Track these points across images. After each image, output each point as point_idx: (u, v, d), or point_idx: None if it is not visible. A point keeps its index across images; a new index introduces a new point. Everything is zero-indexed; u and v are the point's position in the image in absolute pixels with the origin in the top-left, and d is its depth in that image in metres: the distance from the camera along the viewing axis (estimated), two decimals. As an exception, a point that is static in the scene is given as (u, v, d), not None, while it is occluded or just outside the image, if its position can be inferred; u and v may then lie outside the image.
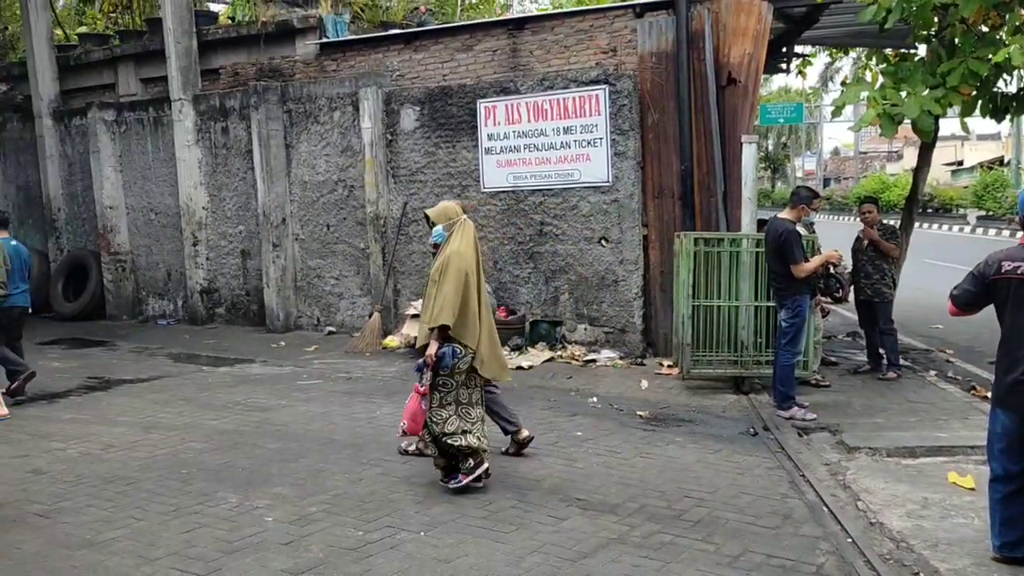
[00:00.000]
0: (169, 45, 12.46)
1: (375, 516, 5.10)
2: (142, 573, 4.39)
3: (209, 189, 12.70)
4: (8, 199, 15.59)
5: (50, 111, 14.40)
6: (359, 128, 11.07)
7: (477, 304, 5.48)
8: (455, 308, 5.32)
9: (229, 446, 6.65)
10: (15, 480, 5.96)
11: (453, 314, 5.30)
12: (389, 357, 10.09)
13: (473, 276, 5.46)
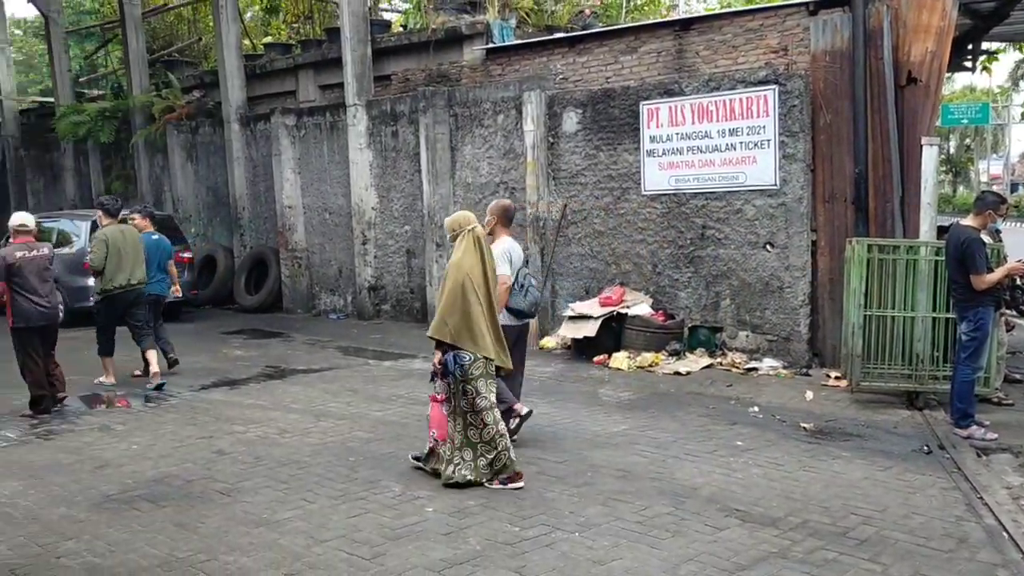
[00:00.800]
0: (345, 53, 13.08)
1: (530, 513, 5.17)
2: (313, 553, 4.64)
3: (379, 190, 13.23)
4: (199, 198, 16.82)
5: (237, 116, 15.41)
6: (521, 131, 11.23)
7: (485, 311, 5.68)
8: (448, 322, 5.62)
9: (393, 437, 6.91)
10: (201, 460, 6.43)
11: (447, 328, 5.61)
12: (546, 357, 10.18)
13: (476, 283, 5.66)
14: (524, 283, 6.70)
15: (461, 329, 5.64)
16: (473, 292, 5.65)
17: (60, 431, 7.38)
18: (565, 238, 11.01)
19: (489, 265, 5.83)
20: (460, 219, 5.97)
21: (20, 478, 6.06)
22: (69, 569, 4.52)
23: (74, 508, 5.43)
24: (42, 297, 7.95)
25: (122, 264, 9.12)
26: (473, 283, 5.66)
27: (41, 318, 7.98)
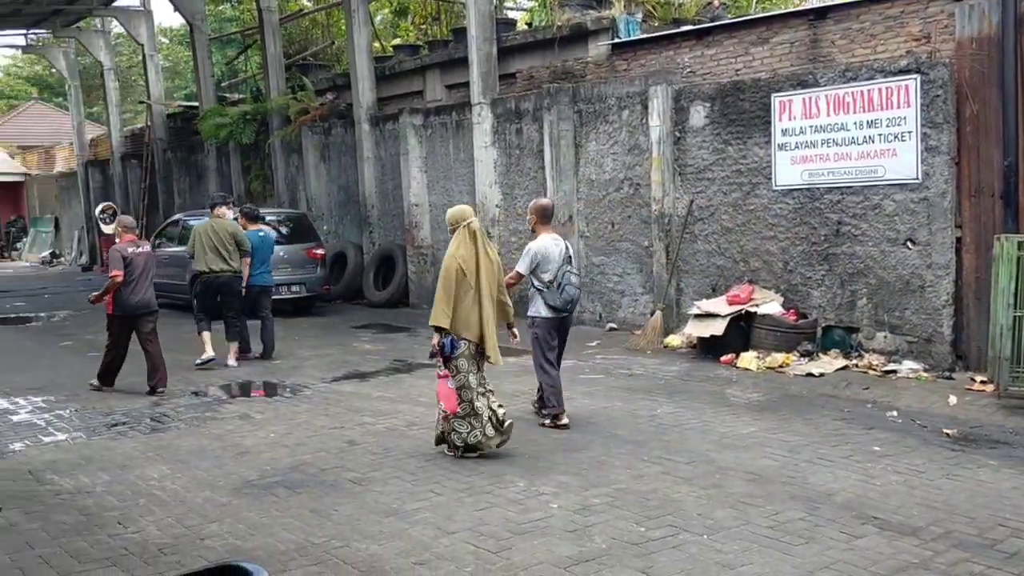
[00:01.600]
0: (472, 52, 13.25)
1: (657, 514, 5.10)
2: (440, 544, 4.72)
3: (502, 188, 13.35)
4: (331, 197, 17.40)
5: (367, 117, 15.85)
6: (647, 126, 11.10)
7: (477, 299, 6.16)
8: (445, 310, 6.11)
9: (516, 433, 6.93)
10: (333, 449, 6.65)
11: (444, 315, 6.10)
12: (670, 356, 10.04)
13: (471, 274, 6.17)
14: (562, 281, 6.98)
15: (455, 317, 6.15)
16: (465, 281, 6.15)
17: (204, 419, 7.77)
18: (691, 235, 10.81)
19: (484, 255, 6.26)
20: (459, 213, 6.46)
21: (168, 462, 6.42)
22: (212, 550, 4.76)
23: (217, 492, 5.71)
24: (142, 290, 8.85)
25: (209, 253, 10.26)
26: (466, 272, 6.15)
27: (143, 307, 8.89)
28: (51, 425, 7.72)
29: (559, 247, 7.08)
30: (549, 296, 7.00)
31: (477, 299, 6.18)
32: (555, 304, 7.01)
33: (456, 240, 6.32)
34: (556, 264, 6.99)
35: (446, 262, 6.24)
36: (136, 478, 6.05)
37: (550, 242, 7.10)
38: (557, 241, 7.15)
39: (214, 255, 10.28)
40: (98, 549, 4.79)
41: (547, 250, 7.05)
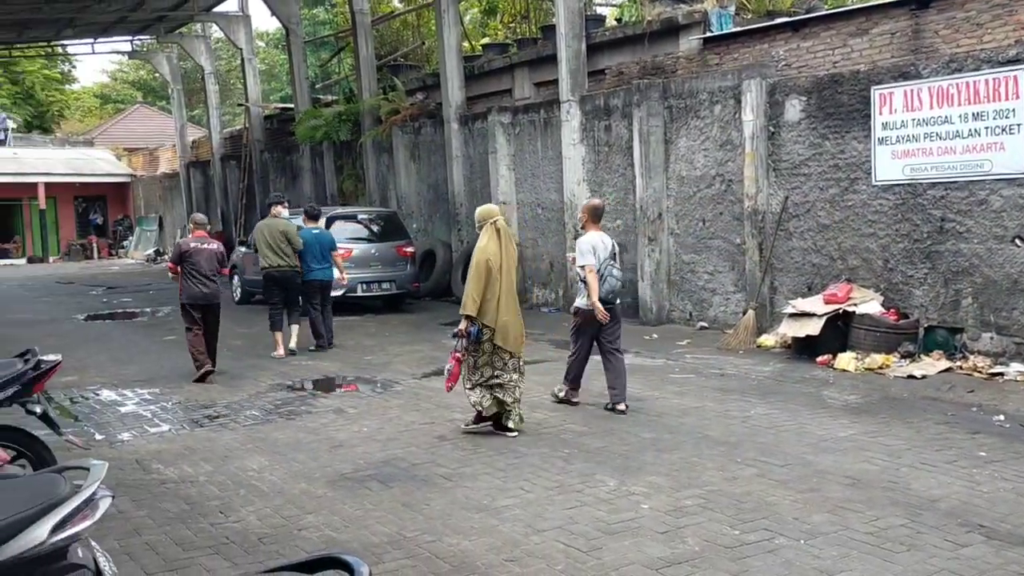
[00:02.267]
0: (560, 50, 13.22)
1: (751, 517, 5.00)
2: (531, 542, 4.73)
3: (591, 185, 13.28)
4: (420, 195, 17.63)
5: (456, 116, 16.00)
6: (740, 121, 10.88)
7: (498, 291, 6.74)
8: (476, 299, 6.72)
9: (605, 431, 6.92)
10: (424, 444, 6.73)
11: (474, 305, 6.71)
12: (763, 356, 9.82)
13: (497, 268, 6.76)
14: (604, 272, 7.52)
15: (484, 306, 6.75)
16: (494, 275, 6.75)
17: (300, 412, 7.98)
18: (786, 232, 10.56)
19: (506, 251, 6.88)
20: (486, 212, 7.12)
21: (266, 454, 6.61)
22: (309, 541, 4.87)
23: (313, 484, 5.85)
24: (207, 282, 9.52)
25: (266, 249, 10.98)
26: (492, 265, 6.76)
27: (202, 298, 9.54)
28: (156, 416, 8.05)
29: (605, 243, 7.63)
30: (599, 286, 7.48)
31: (498, 291, 6.78)
32: (602, 292, 7.49)
33: (484, 236, 6.93)
34: (603, 257, 7.54)
35: (476, 256, 6.83)
36: (236, 469, 6.25)
37: (597, 238, 7.64)
38: (604, 238, 7.70)
39: (270, 251, 10.96)
40: (201, 537, 4.97)
41: (596, 244, 7.57)
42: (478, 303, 6.71)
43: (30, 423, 5.44)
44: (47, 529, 2.44)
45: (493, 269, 6.74)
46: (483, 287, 6.71)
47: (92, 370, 10.22)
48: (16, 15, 21.85)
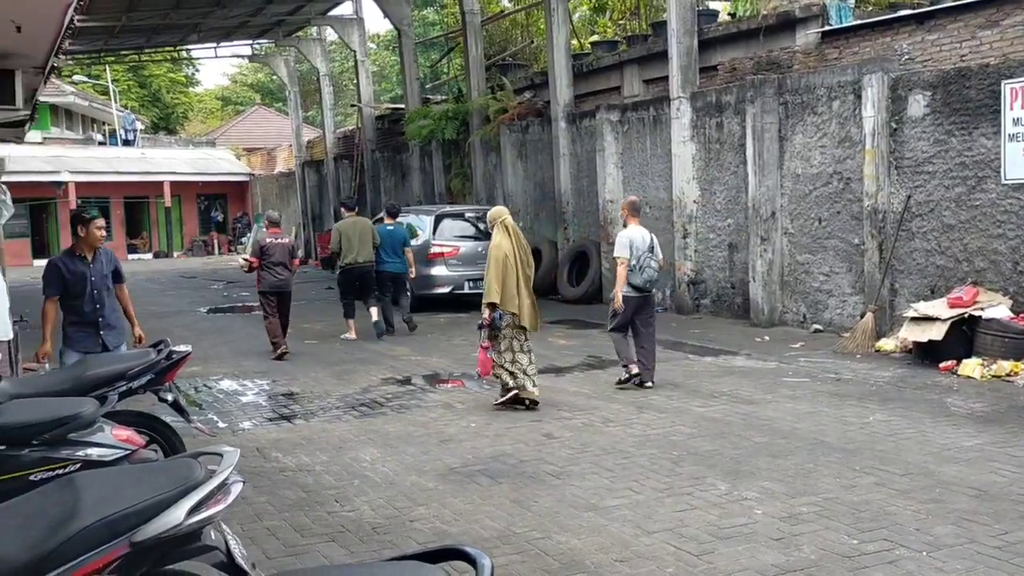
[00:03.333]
0: (671, 46, 13.05)
1: (870, 526, 4.83)
2: (640, 543, 4.69)
3: (700, 183, 13.07)
4: (527, 194, 17.72)
5: (564, 114, 16.00)
6: (860, 117, 10.51)
7: (516, 280, 7.70)
8: (497, 288, 7.61)
9: (716, 434, 6.80)
10: (532, 441, 6.77)
11: (496, 293, 7.60)
12: (882, 361, 9.47)
13: (512, 260, 7.70)
14: (643, 264, 8.35)
15: (505, 294, 7.65)
16: (510, 266, 7.68)
17: (410, 406, 8.14)
18: (908, 232, 10.14)
19: (517, 245, 7.80)
20: (496, 213, 8.11)
21: (378, 446, 6.77)
22: (421, 532, 4.97)
23: (424, 477, 5.96)
24: (280, 272, 10.88)
25: (351, 247, 11.94)
26: (508, 260, 7.69)
27: (277, 286, 10.93)
28: (274, 406, 8.35)
29: (644, 237, 8.49)
30: (632, 276, 8.36)
31: (516, 280, 7.72)
32: (636, 283, 8.39)
33: (497, 234, 7.88)
34: (641, 250, 8.36)
35: (493, 252, 7.77)
36: (350, 459, 6.42)
37: (637, 232, 8.50)
38: (643, 232, 8.56)
39: (360, 248, 11.99)
40: (318, 525, 5.13)
41: (635, 238, 8.43)
42: (500, 292, 7.62)
43: (160, 410, 5.74)
44: (184, 511, 2.57)
45: (509, 262, 7.70)
46: (503, 278, 7.65)
47: (214, 361, 10.68)
48: (146, 21, 23.00)
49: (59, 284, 6.37)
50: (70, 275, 6.40)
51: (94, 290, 6.47)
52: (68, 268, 6.41)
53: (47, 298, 6.43)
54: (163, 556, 2.64)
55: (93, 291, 6.46)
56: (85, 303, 6.44)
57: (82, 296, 6.43)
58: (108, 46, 26.87)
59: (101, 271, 6.50)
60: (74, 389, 4.59)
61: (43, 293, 6.47)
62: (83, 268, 6.45)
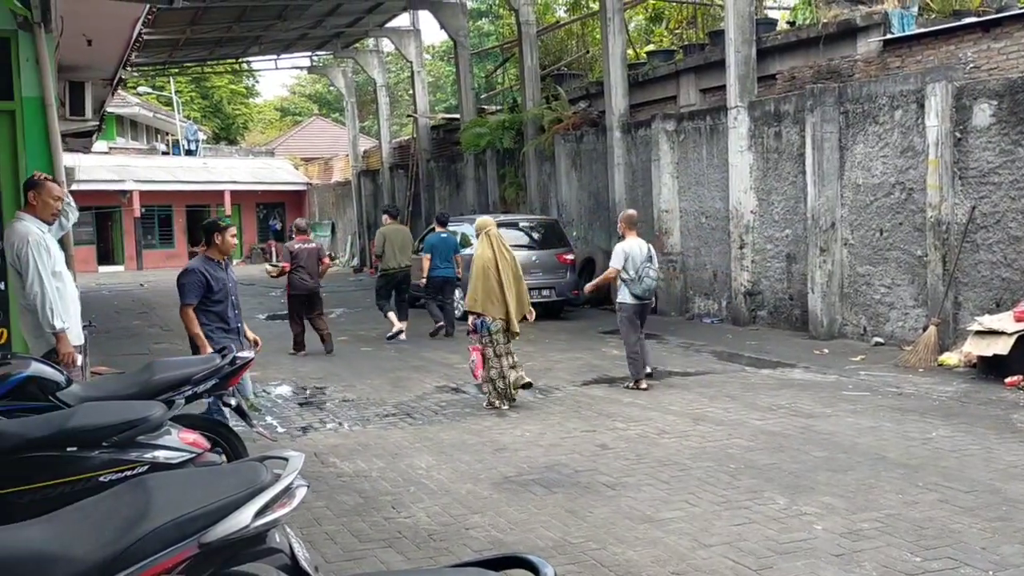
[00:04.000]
0: (729, 55, 12.95)
1: (934, 544, 4.72)
2: (698, 556, 4.65)
3: (758, 193, 12.93)
4: (581, 203, 17.70)
5: (619, 124, 15.96)
6: (923, 127, 10.30)
7: (499, 286, 8.18)
8: (476, 297, 8.19)
9: (775, 448, 6.71)
10: (586, 452, 6.75)
11: (475, 302, 8.21)
12: (945, 375, 9.25)
13: (492, 268, 8.19)
14: (641, 274, 8.87)
15: (485, 301, 8.20)
16: (491, 274, 8.19)
17: (464, 414, 8.18)
18: (972, 244, 9.90)
19: (501, 255, 8.29)
20: (481, 224, 8.71)
21: (433, 453, 6.82)
22: (476, 540, 4.99)
23: (479, 485, 5.99)
24: (309, 277, 11.75)
25: (393, 252, 12.94)
26: (489, 268, 8.20)
27: (305, 289, 11.77)
28: (331, 413, 8.46)
29: (641, 248, 8.98)
30: (633, 286, 8.91)
31: (500, 287, 8.19)
32: (636, 292, 8.93)
33: (481, 244, 8.42)
34: (639, 261, 8.85)
35: (475, 261, 8.34)
36: (406, 466, 6.48)
37: (634, 244, 8.99)
38: (640, 243, 9.05)
39: (401, 254, 13.04)
40: (375, 530, 5.19)
41: (632, 250, 8.91)
42: (479, 300, 8.20)
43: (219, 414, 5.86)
44: (251, 514, 2.62)
45: (489, 270, 8.20)
46: (481, 286, 8.20)
47: (273, 367, 10.86)
48: (209, 34, 23.55)
49: (200, 291, 6.41)
50: (215, 282, 6.46)
51: (232, 296, 6.60)
52: (212, 275, 6.48)
53: (188, 306, 6.41)
54: (230, 558, 2.69)
55: (232, 297, 6.59)
56: (228, 308, 6.54)
57: (225, 302, 6.51)
58: (172, 58, 27.55)
59: (234, 277, 6.77)
60: (141, 393, 4.71)
61: (183, 300, 6.44)
62: (223, 274, 6.57)
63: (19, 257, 5.32)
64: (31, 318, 5.43)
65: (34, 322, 5.42)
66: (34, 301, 5.28)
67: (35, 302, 5.27)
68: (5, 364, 4.64)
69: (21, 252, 5.30)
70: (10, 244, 5.38)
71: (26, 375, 4.54)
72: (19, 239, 5.32)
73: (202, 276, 6.47)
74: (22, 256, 5.30)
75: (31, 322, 5.46)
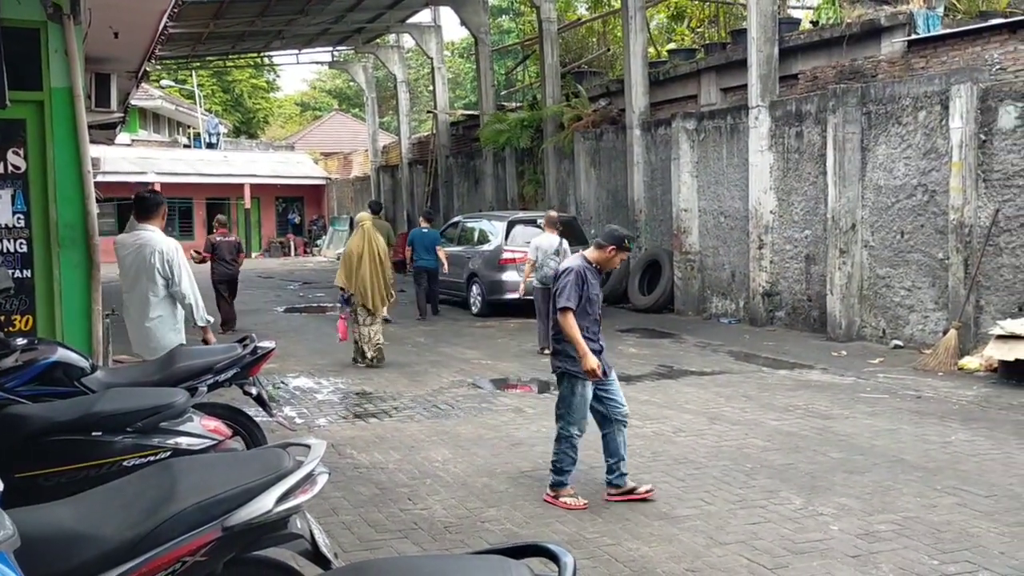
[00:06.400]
0: (751, 54, 12.90)
1: (951, 548, 4.71)
2: (712, 554, 4.66)
3: (778, 193, 12.88)
4: (600, 201, 17.70)
5: (639, 122, 15.93)
6: (946, 128, 10.23)
7: (367, 271, 10.25)
8: (342, 276, 10.44)
9: (791, 448, 6.69)
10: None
11: (343, 280, 10.41)
12: (965, 379, 9.19)
13: (356, 256, 10.31)
14: (543, 262, 10.95)
15: (346, 280, 10.36)
16: (356, 260, 10.28)
17: (480, 409, 8.21)
18: (995, 247, 9.83)
19: (368, 245, 10.32)
20: (359, 218, 10.95)
21: (449, 447, 6.85)
22: (492, 533, 5.02)
23: (495, 479, 6.01)
24: (228, 265, 13.59)
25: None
26: (353, 255, 10.33)
27: (226, 276, 13.60)
28: (348, 404, 8.52)
29: (551, 242, 11.07)
30: (537, 273, 11.04)
31: (361, 271, 10.24)
32: (539, 277, 10.99)
33: (355, 235, 10.60)
34: (545, 253, 11.00)
35: (347, 247, 10.59)
36: (422, 459, 6.51)
37: (545, 239, 11.18)
38: (551, 239, 11.13)
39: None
40: (392, 521, 5.22)
41: (542, 243, 11.13)
42: (343, 279, 10.37)
43: (238, 403, 5.91)
44: (273, 499, 2.66)
45: (354, 257, 10.29)
46: (347, 270, 10.32)
47: (291, 359, 10.92)
48: (232, 28, 23.67)
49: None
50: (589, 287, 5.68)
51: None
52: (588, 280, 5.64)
53: (569, 310, 5.50)
54: (252, 542, 2.73)
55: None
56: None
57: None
58: (195, 52, 27.72)
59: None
60: (164, 380, 4.77)
61: (565, 304, 5.51)
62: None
63: (170, 264, 5.94)
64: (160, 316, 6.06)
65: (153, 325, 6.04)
66: (184, 300, 6.00)
67: (187, 302, 6.00)
68: (32, 349, 4.71)
69: (172, 260, 5.94)
70: (158, 252, 5.95)
71: (53, 360, 4.60)
72: (167, 248, 5.98)
73: (583, 280, 5.62)
74: (174, 263, 5.94)
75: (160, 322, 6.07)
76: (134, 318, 6.11)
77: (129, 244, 6.12)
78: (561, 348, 5.62)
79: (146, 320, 6.03)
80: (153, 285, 5.97)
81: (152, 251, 5.96)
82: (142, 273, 6.01)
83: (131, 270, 6.08)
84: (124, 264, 6.14)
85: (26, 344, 4.83)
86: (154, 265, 5.94)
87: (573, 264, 5.70)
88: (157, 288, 5.98)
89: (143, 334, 6.06)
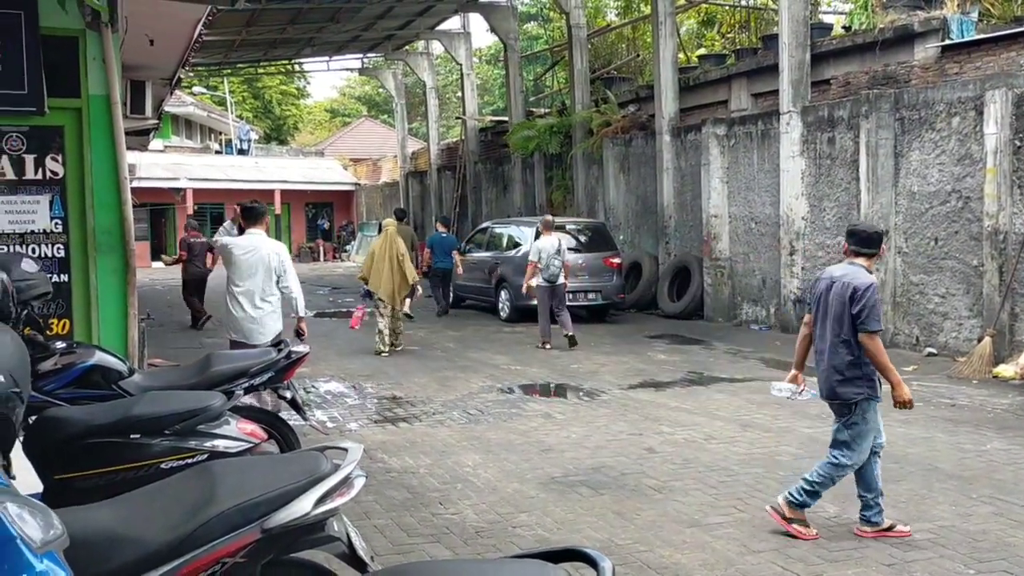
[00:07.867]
0: (783, 59, 12.83)
1: (988, 556, 4.65)
2: (746, 562, 4.63)
3: (809, 199, 12.79)
4: (629, 207, 17.65)
5: (669, 128, 15.88)
6: (981, 134, 10.11)
7: (385, 269, 11.50)
8: (364, 272, 11.89)
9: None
10: (632, 455, 6.75)
11: (365, 272, 11.85)
12: (1000, 387, 9.06)
13: (379, 255, 11.61)
14: (547, 263, 12.05)
15: (369, 275, 11.67)
16: (377, 259, 11.58)
17: (511, 415, 8.22)
18: (1031, 254, 9.69)
19: (389, 245, 11.59)
20: (385, 222, 12.35)
21: (480, 452, 6.87)
22: (523, 539, 5.02)
23: (525, 484, 6.02)
24: (200, 265, 14.58)
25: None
26: (377, 255, 11.63)
27: (198, 275, 14.65)
28: (379, 409, 8.56)
29: (552, 244, 12.16)
30: (544, 273, 12.05)
31: (381, 269, 11.50)
32: (545, 276, 12.06)
33: (380, 236, 11.95)
34: (548, 254, 12.08)
35: (371, 246, 11.99)
36: (453, 464, 6.54)
37: (547, 241, 12.21)
38: (552, 241, 12.21)
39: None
40: (423, 525, 5.24)
41: (544, 245, 12.16)
42: (366, 275, 11.78)
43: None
44: (311, 501, 2.68)
45: (376, 255, 11.59)
46: (369, 265, 11.66)
47: (322, 363, 11.00)
48: (264, 36, 23.93)
49: None
50: None
51: None
52: None
53: (876, 333, 5.12)
54: (290, 544, 2.76)
55: None
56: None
57: None
58: (227, 59, 28.04)
59: None
60: (200, 384, 4.83)
61: (878, 328, 5.14)
62: None
63: (283, 263, 7.02)
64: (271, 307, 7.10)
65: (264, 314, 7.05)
66: (290, 294, 7.07)
67: (292, 295, 7.07)
68: (71, 353, 4.79)
69: (285, 260, 7.06)
70: (275, 252, 7.03)
71: (91, 364, 4.68)
72: (282, 250, 7.17)
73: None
74: (286, 263, 7.07)
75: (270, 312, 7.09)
76: (245, 309, 6.97)
77: (245, 245, 7.04)
78: (862, 373, 5.11)
79: (256, 310, 6.98)
80: (268, 281, 6.99)
81: (270, 251, 7.01)
82: (260, 270, 6.96)
83: (249, 268, 6.95)
84: (239, 262, 6.97)
85: (65, 348, 4.91)
86: (271, 264, 6.96)
87: (869, 279, 5.14)
88: (271, 283, 7.00)
89: (252, 322, 6.98)
